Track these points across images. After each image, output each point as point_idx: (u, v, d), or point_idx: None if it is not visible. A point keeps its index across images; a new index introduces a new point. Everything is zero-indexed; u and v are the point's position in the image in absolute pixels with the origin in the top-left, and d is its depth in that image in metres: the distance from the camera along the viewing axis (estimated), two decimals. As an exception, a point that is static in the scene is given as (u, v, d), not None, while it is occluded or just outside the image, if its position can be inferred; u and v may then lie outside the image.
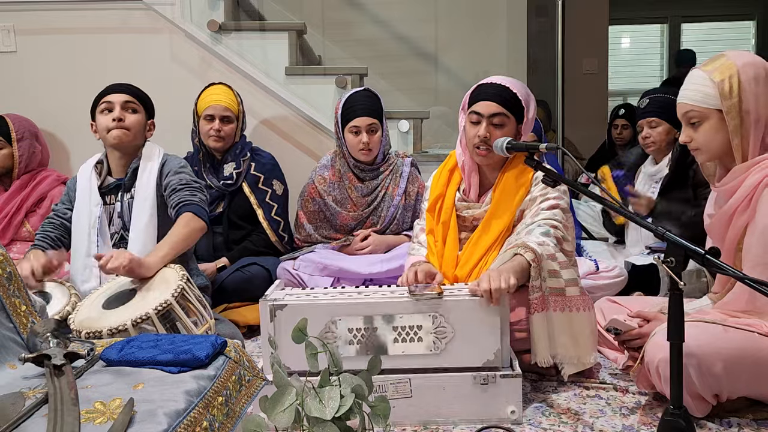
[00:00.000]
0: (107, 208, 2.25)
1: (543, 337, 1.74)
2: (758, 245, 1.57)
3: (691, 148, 1.72)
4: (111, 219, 2.25)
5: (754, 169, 1.59)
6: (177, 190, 2.17)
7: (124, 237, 2.21)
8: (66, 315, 1.87)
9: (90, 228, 2.19)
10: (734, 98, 1.59)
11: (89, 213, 2.21)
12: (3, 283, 1.30)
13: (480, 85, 1.97)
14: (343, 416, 1.09)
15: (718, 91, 1.60)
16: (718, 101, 1.61)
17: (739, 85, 1.58)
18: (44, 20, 3.19)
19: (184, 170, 2.24)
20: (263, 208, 2.75)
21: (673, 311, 1.28)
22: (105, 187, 2.26)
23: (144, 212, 2.18)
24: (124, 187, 2.24)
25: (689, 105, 1.66)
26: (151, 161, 2.24)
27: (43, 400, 1.08)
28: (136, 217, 2.19)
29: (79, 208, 2.23)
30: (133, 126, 2.23)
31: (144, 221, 2.18)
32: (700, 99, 1.64)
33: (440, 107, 3.88)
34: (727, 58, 1.63)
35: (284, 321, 1.58)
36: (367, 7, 4.16)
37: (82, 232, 2.20)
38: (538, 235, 1.81)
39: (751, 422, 1.59)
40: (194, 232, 2.10)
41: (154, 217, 2.19)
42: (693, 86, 1.66)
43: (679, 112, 1.70)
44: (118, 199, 2.25)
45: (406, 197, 2.61)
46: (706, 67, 1.65)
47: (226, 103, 2.74)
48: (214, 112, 2.71)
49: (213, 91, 2.78)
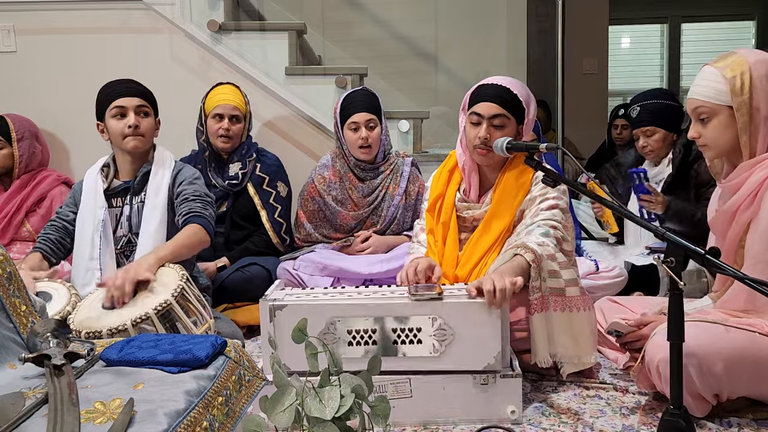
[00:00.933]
0: (113, 211, 2.23)
1: (543, 337, 1.74)
2: (760, 242, 1.57)
3: (699, 144, 1.72)
4: (119, 222, 2.23)
5: (759, 166, 1.60)
6: (189, 200, 2.16)
7: (132, 240, 2.20)
8: (66, 315, 1.87)
9: (93, 231, 2.17)
10: (745, 95, 1.59)
11: (93, 216, 2.19)
12: (3, 283, 1.30)
13: (480, 86, 1.97)
14: (343, 416, 1.09)
15: (729, 88, 1.61)
16: (728, 97, 1.61)
17: (751, 82, 1.59)
18: (44, 20, 3.19)
19: (197, 181, 2.24)
20: (267, 209, 2.75)
21: (673, 311, 1.28)
22: (112, 189, 2.24)
23: (154, 218, 2.17)
24: (133, 191, 2.22)
25: (700, 101, 1.66)
26: (163, 167, 2.23)
27: (43, 400, 1.08)
28: (146, 221, 2.17)
29: (83, 212, 2.21)
30: (147, 131, 2.22)
31: (154, 226, 2.16)
32: (711, 95, 1.64)
33: (440, 107, 3.88)
34: (739, 55, 1.63)
35: (284, 321, 1.58)
36: (367, 7, 4.16)
37: (86, 236, 2.18)
38: (537, 235, 1.81)
39: (751, 422, 1.59)
40: (198, 244, 2.09)
41: (163, 223, 2.18)
42: (704, 82, 1.66)
43: (689, 108, 1.70)
44: (127, 202, 2.23)
45: (407, 197, 2.61)
46: (718, 64, 1.65)
47: (236, 102, 2.74)
48: (223, 111, 2.71)
49: (222, 90, 2.78)
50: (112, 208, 2.23)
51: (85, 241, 2.18)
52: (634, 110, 2.67)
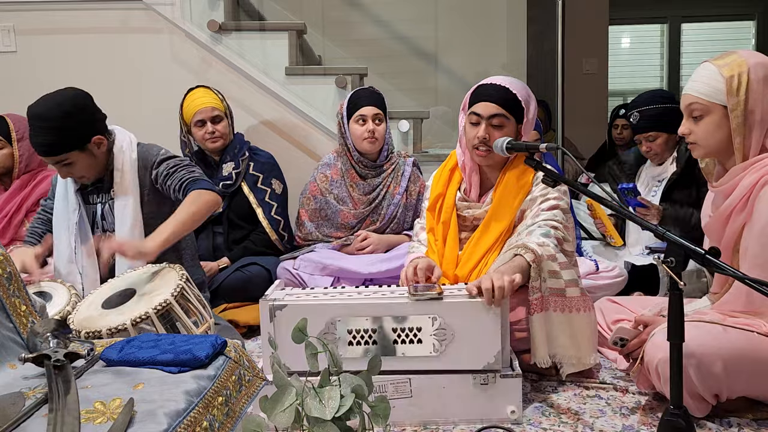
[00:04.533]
0: (90, 208, 2.18)
1: (542, 337, 1.74)
2: (756, 245, 1.56)
3: (688, 141, 1.71)
4: (94, 221, 2.18)
5: (751, 169, 1.59)
6: (170, 174, 2.09)
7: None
8: (66, 315, 1.87)
9: (69, 235, 2.13)
10: (741, 96, 1.58)
11: (66, 219, 2.14)
12: (3, 283, 1.30)
13: (480, 86, 1.96)
14: (343, 416, 1.09)
15: (725, 87, 1.60)
16: (724, 97, 1.60)
17: (748, 83, 1.58)
18: (44, 20, 3.19)
19: (166, 155, 2.16)
20: (263, 207, 2.75)
21: (673, 311, 1.28)
22: (89, 186, 2.19)
23: (126, 217, 2.11)
24: (103, 188, 2.18)
25: (694, 97, 1.65)
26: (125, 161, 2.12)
27: (43, 400, 1.08)
28: (119, 221, 2.11)
29: (57, 213, 2.17)
30: (82, 170, 2.09)
31: (127, 226, 2.10)
32: (707, 92, 1.63)
33: (440, 107, 3.89)
34: (739, 56, 1.62)
35: (284, 321, 1.58)
36: (367, 7, 4.17)
37: (62, 239, 2.14)
38: (538, 235, 1.81)
39: (751, 422, 1.59)
40: (205, 206, 2.00)
41: (138, 219, 2.12)
42: (701, 78, 1.65)
43: (683, 103, 1.69)
44: (100, 200, 2.18)
45: (408, 196, 2.62)
46: (717, 62, 1.64)
47: (212, 103, 2.74)
48: (203, 116, 2.70)
49: (194, 96, 2.76)
50: (89, 204, 2.19)
51: (62, 244, 2.15)
52: (633, 116, 2.67)
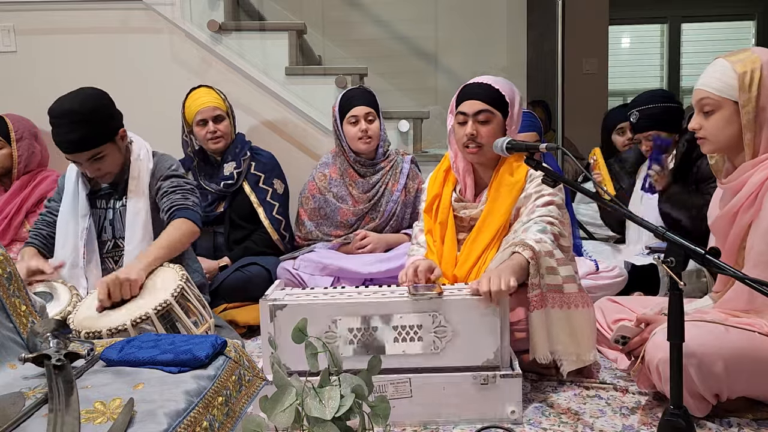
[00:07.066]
0: (97, 213, 2.18)
1: (542, 334, 1.74)
2: (761, 243, 1.57)
3: (698, 136, 1.71)
4: (102, 225, 2.18)
5: (761, 166, 1.59)
6: (168, 193, 2.12)
7: (119, 245, 2.18)
8: (66, 315, 1.87)
9: (78, 240, 2.13)
10: (753, 92, 1.58)
11: (75, 224, 2.13)
12: (3, 283, 1.30)
13: (465, 86, 2.00)
14: (343, 416, 1.09)
15: (738, 83, 1.60)
16: (735, 92, 1.60)
17: (761, 80, 1.58)
18: (44, 20, 3.19)
19: (175, 172, 2.19)
20: (264, 207, 2.75)
21: (673, 311, 1.28)
22: (98, 191, 2.20)
23: (138, 224, 2.12)
24: (115, 194, 2.19)
25: (706, 92, 1.65)
26: (141, 169, 2.15)
27: (43, 400, 1.08)
28: (130, 228, 2.12)
29: (65, 216, 2.16)
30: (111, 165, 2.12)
31: (139, 234, 2.12)
32: (718, 87, 1.63)
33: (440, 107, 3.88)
34: (752, 52, 1.62)
35: (284, 321, 1.58)
36: (367, 7, 4.17)
37: (68, 242, 2.13)
38: (535, 232, 1.81)
39: (751, 422, 1.59)
40: (185, 237, 2.05)
41: (149, 227, 2.14)
42: (714, 74, 1.65)
43: (695, 98, 1.69)
44: (110, 206, 2.19)
45: (406, 193, 2.63)
46: (730, 58, 1.64)
47: (214, 103, 2.74)
48: (205, 116, 2.70)
49: (197, 95, 2.76)
50: (96, 209, 2.19)
51: (68, 249, 2.13)
52: (633, 116, 2.67)
